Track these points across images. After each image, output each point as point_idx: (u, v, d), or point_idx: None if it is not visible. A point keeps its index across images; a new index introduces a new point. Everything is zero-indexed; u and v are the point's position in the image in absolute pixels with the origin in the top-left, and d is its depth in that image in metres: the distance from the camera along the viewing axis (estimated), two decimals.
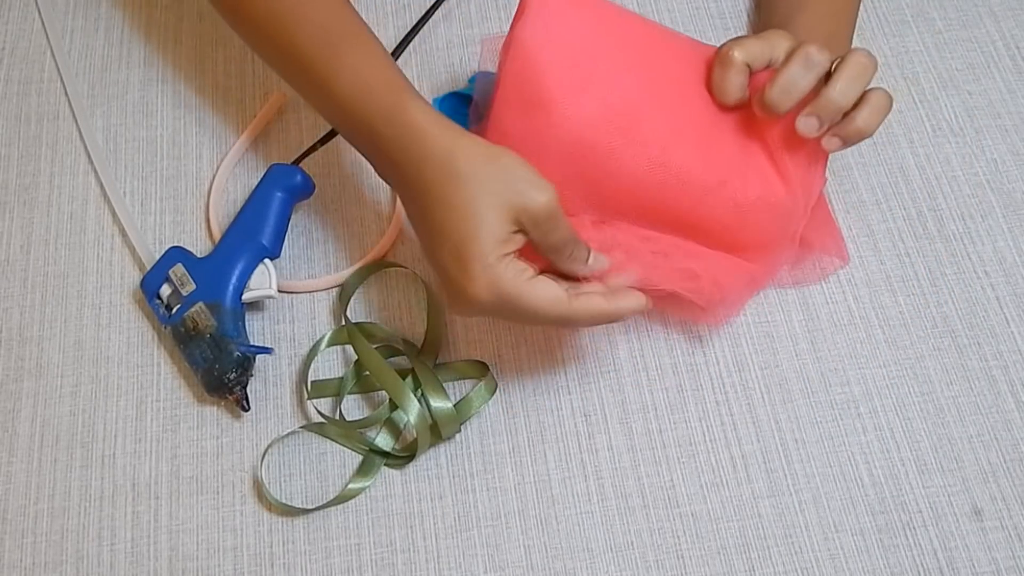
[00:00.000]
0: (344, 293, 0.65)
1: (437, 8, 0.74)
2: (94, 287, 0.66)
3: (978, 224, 0.69)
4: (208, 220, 0.68)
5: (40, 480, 0.61)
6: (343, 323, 0.64)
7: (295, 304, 0.66)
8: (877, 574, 0.58)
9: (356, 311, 0.66)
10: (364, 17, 0.76)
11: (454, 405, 0.60)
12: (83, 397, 0.63)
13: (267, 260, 0.63)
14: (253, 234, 0.63)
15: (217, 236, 0.65)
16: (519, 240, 0.54)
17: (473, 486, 0.61)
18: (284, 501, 0.60)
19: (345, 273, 0.66)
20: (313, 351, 0.64)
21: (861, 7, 0.77)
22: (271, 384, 0.63)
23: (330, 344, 0.64)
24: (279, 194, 0.64)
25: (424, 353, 0.63)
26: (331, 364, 0.64)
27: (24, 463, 0.61)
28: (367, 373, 0.63)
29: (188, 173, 0.70)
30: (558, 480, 0.61)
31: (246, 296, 0.62)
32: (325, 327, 0.65)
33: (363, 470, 0.60)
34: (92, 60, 0.74)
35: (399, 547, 0.59)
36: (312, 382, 0.63)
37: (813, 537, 0.59)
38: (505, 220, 0.53)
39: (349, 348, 0.64)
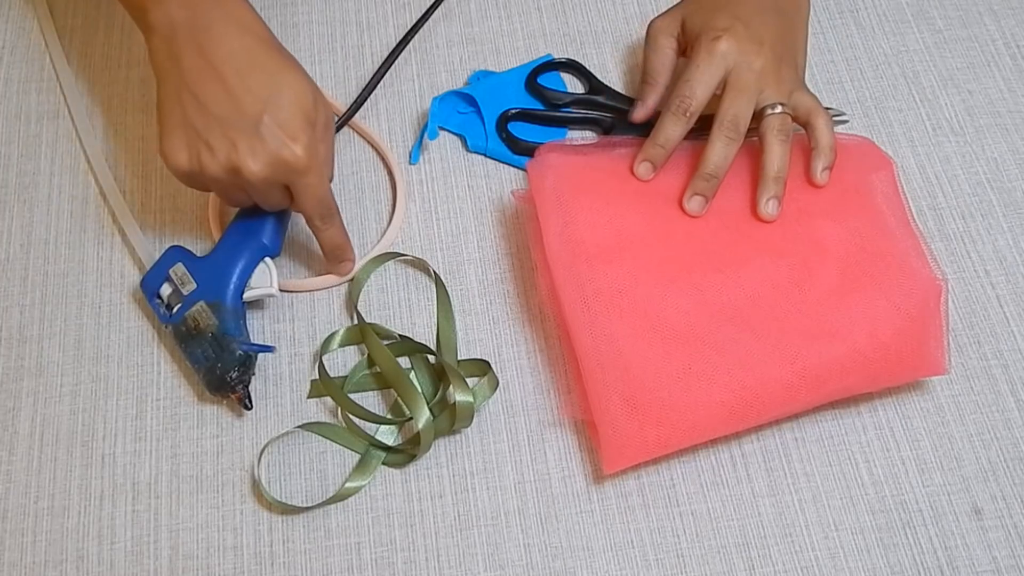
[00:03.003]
0: (354, 289, 0.65)
1: (437, 7, 0.74)
2: (94, 287, 0.66)
3: (978, 223, 0.69)
4: (208, 220, 0.68)
5: (40, 479, 0.61)
6: (354, 321, 0.64)
7: (295, 304, 0.66)
8: (877, 573, 0.58)
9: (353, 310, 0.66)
10: (364, 16, 0.77)
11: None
12: (83, 396, 0.63)
13: (267, 259, 0.63)
14: (253, 233, 0.63)
15: (217, 236, 0.65)
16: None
17: (473, 485, 0.61)
18: (282, 500, 0.60)
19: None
20: (326, 346, 0.64)
21: (862, 5, 0.78)
22: (271, 383, 0.63)
23: (342, 344, 0.64)
24: None
25: (443, 347, 0.63)
26: (332, 363, 0.64)
27: (24, 462, 0.61)
28: (367, 373, 0.63)
29: None
30: (558, 479, 0.61)
31: (247, 295, 0.62)
32: (325, 326, 0.65)
33: (360, 468, 0.60)
34: (92, 60, 0.74)
35: (399, 546, 0.59)
36: (312, 381, 0.63)
37: (813, 536, 0.59)
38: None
39: (349, 346, 0.64)
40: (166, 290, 0.63)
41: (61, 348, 0.65)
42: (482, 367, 0.62)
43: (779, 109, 0.63)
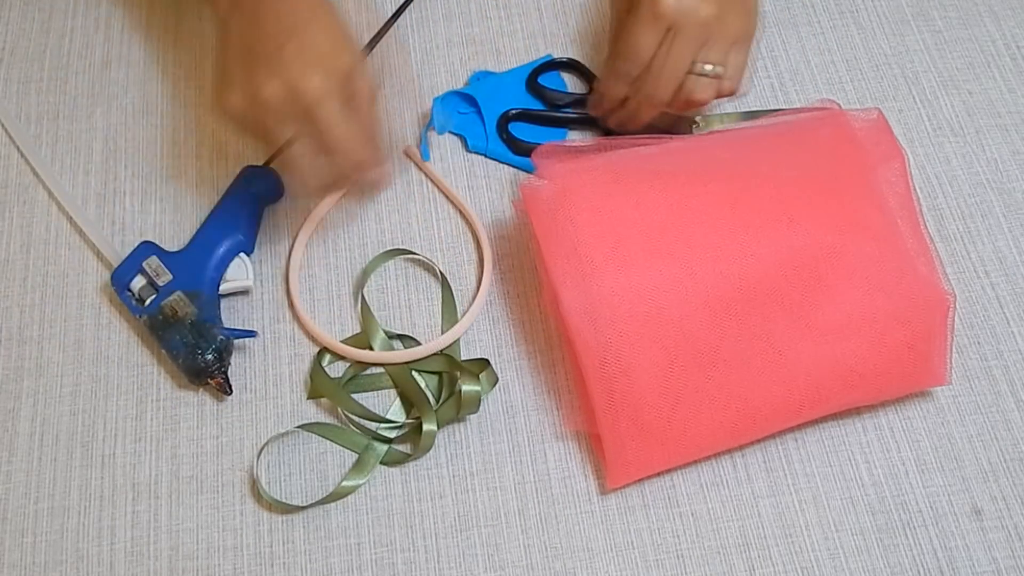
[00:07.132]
0: (360, 280, 0.66)
1: (407, 6, 0.76)
2: (94, 287, 0.66)
3: (978, 224, 0.69)
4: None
5: (40, 479, 0.61)
6: (357, 310, 0.64)
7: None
8: (877, 573, 0.58)
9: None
10: (364, 18, 0.76)
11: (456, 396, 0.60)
12: (83, 396, 0.63)
13: (243, 254, 0.65)
14: (230, 228, 0.64)
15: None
16: None
17: (473, 485, 0.61)
18: (282, 500, 0.60)
19: None
20: (322, 353, 0.64)
21: (862, 5, 0.78)
22: (271, 383, 0.63)
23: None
24: (253, 192, 0.66)
25: (446, 350, 0.64)
26: (332, 363, 0.64)
27: (24, 463, 0.61)
28: (368, 373, 0.63)
29: (188, 173, 0.70)
30: (558, 480, 0.61)
31: (223, 287, 0.63)
32: (324, 327, 0.65)
33: (358, 467, 0.60)
34: (92, 60, 0.74)
35: (399, 546, 0.59)
36: (312, 381, 0.63)
37: (813, 536, 0.59)
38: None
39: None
40: (138, 283, 0.63)
41: (61, 348, 0.65)
42: (481, 365, 0.62)
43: (708, 68, 0.62)
